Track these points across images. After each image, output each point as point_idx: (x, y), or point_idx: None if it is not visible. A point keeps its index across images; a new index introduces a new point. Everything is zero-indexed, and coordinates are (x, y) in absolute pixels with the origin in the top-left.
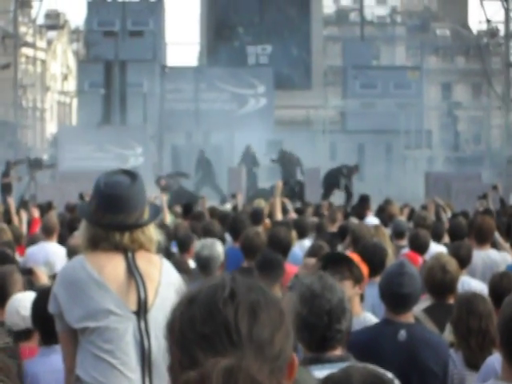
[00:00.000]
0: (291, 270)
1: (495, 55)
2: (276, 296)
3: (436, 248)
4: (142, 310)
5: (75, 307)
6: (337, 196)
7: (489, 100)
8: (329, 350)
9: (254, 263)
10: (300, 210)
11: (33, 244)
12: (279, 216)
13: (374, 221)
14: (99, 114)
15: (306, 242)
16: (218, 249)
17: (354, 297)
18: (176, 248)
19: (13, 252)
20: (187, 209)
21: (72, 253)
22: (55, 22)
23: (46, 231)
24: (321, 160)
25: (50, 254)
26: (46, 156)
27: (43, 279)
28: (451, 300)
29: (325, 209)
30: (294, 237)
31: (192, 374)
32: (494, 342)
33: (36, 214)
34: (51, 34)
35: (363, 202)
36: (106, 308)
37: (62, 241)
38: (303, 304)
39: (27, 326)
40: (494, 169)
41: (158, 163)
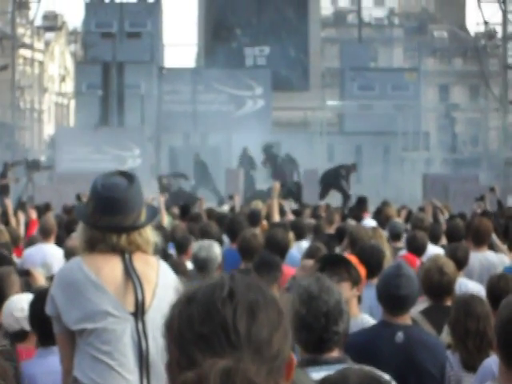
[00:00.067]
0: (289, 272)
1: (493, 57)
2: (275, 296)
3: (433, 250)
4: (139, 312)
5: (73, 309)
6: (334, 197)
7: (486, 102)
8: (326, 352)
9: (251, 265)
10: (297, 212)
11: (30, 245)
12: (276, 217)
13: (371, 223)
14: (97, 116)
15: (303, 244)
16: (216, 250)
17: (351, 299)
18: (173, 249)
19: (10, 253)
20: (185, 210)
21: (69, 254)
22: (53, 23)
23: (44, 233)
24: (318, 161)
25: (48, 256)
26: (44, 157)
27: (40, 281)
28: (448, 302)
29: (322, 210)
30: (291, 238)
31: (190, 375)
32: (492, 343)
33: (33, 216)
34: (49, 35)
35: (361, 203)
36: (103, 309)
37: (59, 242)
38: (300, 306)
39: (21, 327)
40: (492, 171)
41: (155, 164)
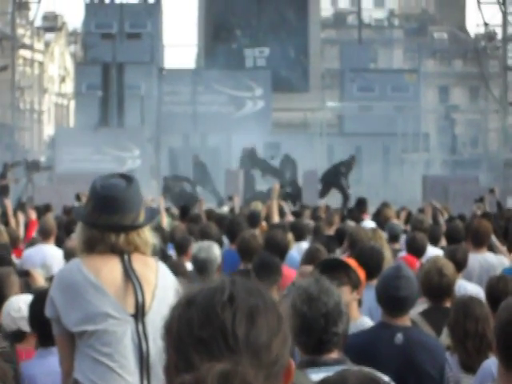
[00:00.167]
0: (288, 273)
1: (493, 58)
2: (275, 300)
3: (433, 251)
4: (139, 313)
5: (72, 311)
6: (334, 198)
7: (486, 103)
8: (325, 353)
9: (250, 266)
10: (297, 213)
11: (30, 246)
12: (276, 219)
13: (370, 224)
14: (97, 116)
15: (303, 245)
16: (215, 251)
17: (352, 302)
18: (173, 250)
19: (9, 254)
20: (184, 211)
21: (69, 255)
22: (53, 24)
23: (43, 233)
24: (318, 163)
25: (47, 257)
26: (44, 158)
27: (40, 281)
28: (448, 303)
29: (322, 211)
30: (290, 239)
31: (187, 378)
32: (491, 345)
33: (33, 216)
34: (49, 35)
35: (360, 205)
36: (103, 311)
37: (59, 243)
38: (300, 307)
39: (18, 327)
40: (492, 172)
41: (155, 165)
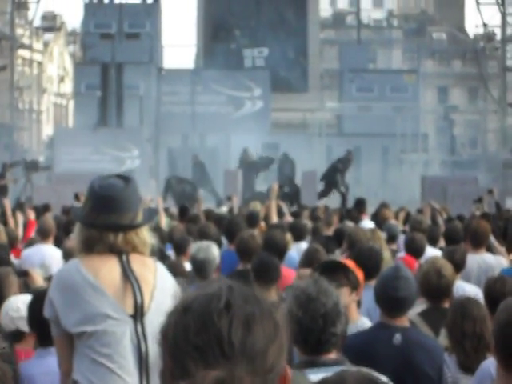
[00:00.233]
0: (287, 273)
1: (492, 59)
2: (272, 307)
3: (432, 252)
4: (138, 314)
5: (71, 312)
6: (333, 199)
7: (485, 104)
8: (324, 354)
9: (249, 266)
10: (296, 213)
11: (28, 246)
12: (274, 219)
13: (369, 224)
14: (95, 116)
15: (302, 245)
16: (214, 251)
17: (351, 303)
18: (172, 251)
19: (7, 254)
20: (183, 211)
21: (68, 255)
22: (52, 23)
23: (42, 233)
24: (317, 163)
25: (46, 257)
26: (42, 158)
27: (39, 281)
28: (446, 304)
29: (321, 212)
30: (289, 239)
31: None
32: (489, 346)
33: (32, 216)
34: (48, 35)
35: (359, 205)
36: (103, 312)
37: (58, 243)
38: (298, 308)
39: (17, 327)
40: (490, 173)
41: (154, 165)
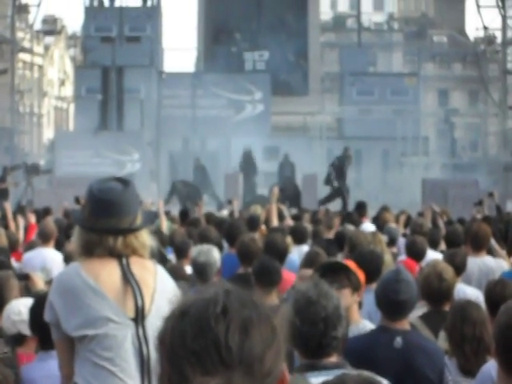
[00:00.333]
0: (288, 277)
1: (492, 62)
2: (269, 311)
3: (433, 255)
4: (139, 317)
5: (72, 315)
6: (333, 202)
7: (486, 107)
8: (325, 357)
9: (250, 269)
10: (297, 217)
11: (30, 249)
12: (275, 222)
13: (370, 227)
14: (96, 120)
15: (304, 248)
16: (215, 255)
17: (352, 305)
18: (173, 254)
19: (8, 258)
20: (184, 215)
21: (69, 258)
22: (52, 27)
23: (43, 237)
24: (317, 166)
25: (47, 260)
26: (43, 161)
27: (40, 285)
28: (447, 307)
29: (321, 215)
30: (289, 243)
31: None
32: (489, 349)
33: (32, 220)
34: (48, 39)
35: (360, 208)
36: (104, 315)
37: (59, 246)
38: (299, 311)
39: (18, 330)
40: (491, 175)
41: (154, 169)
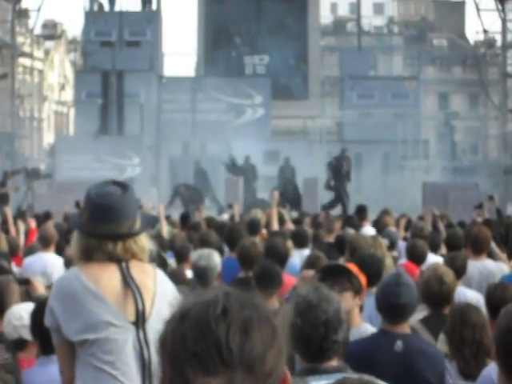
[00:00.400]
0: (289, 281)
1: (492, 65)
2: (269, 312)
3: (433, 259)
4: (140, 321)
5: (73, 320)
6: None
7: (486, 110)
8: (325, 361)
9: (250, 273)
10: (297, 220)
11: (30, 254)
12: (275, 226)
13: (370, 231)
14: (96, 124)
15: (305, 252)
16: (215, 259)
17: (354, 308)
18: (173, 258)
19: (8, 262)
20: (184, 219)
21: (69, 263)
22: (52, 32)
23: (44, 241)
24: (318, 170)
25: (48, 265)
26: (44, 166)
27: (40, 290)
28: (448, 311)
29: (322, 219)
30: (290, 247)
31: None
32: (489, 352)
33: (32, 225)
34: (48, 43)
35: (360, 212)
36: (104, 319)
37: (59, 251)
38: (299, 315)
39: (20, 335)
40: (491, 179)
41: (155, 173)
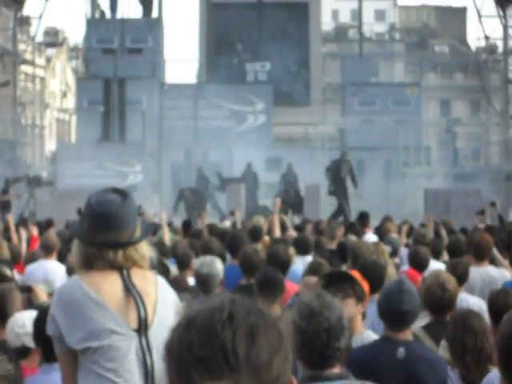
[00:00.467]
0: (291, 288)
1: (494, 72)
2: (275, 318)
3: (435, 265)
4: (142, 328)
5: (75, 328)
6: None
7: (487, 116)
8: (327, 368)
9: (253, 280)
10: (299, 227)
11: (32, 262)
12: (277, 233)
13: (372, 238)
14: (98, 131)
15: (308, 259)
16: (218, 266)
17: (356, 315)
18: (175, 266)
19: (10, 270)
20: (186, 226)
21: (72, 271)
22: (54, 39)
23: (46, 249)
24: (320, 177)
25: (50, 272)
26: (45, 173)
27: (42, 297)
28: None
29: (324, 225)
30: (292, 254)
31: None
32: (490, 358)
33: (34, 232)
34: (50, 51)
35: (362, 218)
36: (107, 327)
37: (61, 258)
38: (302, 322)
39: (23, 343)
40: (493, 185)
41: (157, 180)
